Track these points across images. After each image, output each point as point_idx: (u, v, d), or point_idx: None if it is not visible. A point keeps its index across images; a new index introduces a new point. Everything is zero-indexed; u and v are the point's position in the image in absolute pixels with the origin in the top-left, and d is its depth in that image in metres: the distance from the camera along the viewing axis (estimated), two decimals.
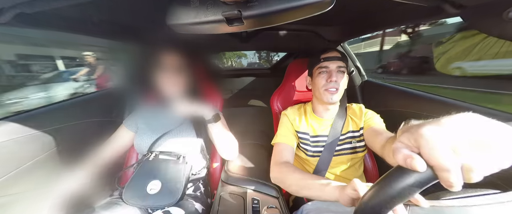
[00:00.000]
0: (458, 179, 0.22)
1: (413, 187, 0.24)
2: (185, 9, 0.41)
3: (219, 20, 0.39)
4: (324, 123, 0.84)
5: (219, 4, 0.38)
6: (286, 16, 0.38)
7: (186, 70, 0.77)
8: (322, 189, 0.51)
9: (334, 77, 0.76)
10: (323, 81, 0.79)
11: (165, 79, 0.76)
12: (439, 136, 0.24)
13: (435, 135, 0.24)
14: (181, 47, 0.76)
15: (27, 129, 0.71)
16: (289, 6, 0.36)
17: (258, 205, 0.63)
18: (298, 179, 0.60)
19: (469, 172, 0.22)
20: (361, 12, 0.87)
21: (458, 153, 0.22)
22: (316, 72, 0.82)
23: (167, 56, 0.75)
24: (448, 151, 0.23)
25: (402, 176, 0.24)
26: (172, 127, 0.83)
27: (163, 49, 0.75)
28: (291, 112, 0.89)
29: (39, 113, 0.79)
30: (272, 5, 0.36)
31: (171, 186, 0.73)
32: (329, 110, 0.84)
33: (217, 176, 0.96)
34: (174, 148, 0.81)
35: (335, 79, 0.76)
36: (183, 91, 0.78)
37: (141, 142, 0.81)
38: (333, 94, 0.77)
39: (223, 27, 0.41)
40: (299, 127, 0.84)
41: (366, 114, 0.82)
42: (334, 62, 0.78)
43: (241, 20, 0.38)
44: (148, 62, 0.76)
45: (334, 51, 0.80)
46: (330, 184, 0.50)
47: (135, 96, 0.85)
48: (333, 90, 0.77)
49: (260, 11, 0.37)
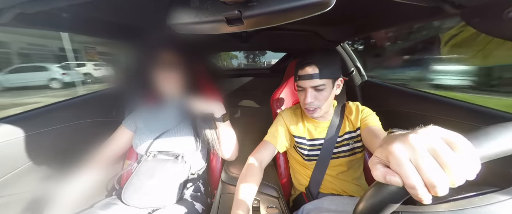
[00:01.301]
0: (424, 195, 0.23)
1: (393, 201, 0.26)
2: (185, 9, 0.41)
3: (219, 20, 0.39)
4: (320, 126, 0.82)
5: (219, 4, 0.38)
6: (286, 16, 0.38)
7: (185, 70, 0.77)
8: None
9: (308, 99, 0.70)
10: (301, 99, 0.75)
11: (165, 79, 0.76)
12: (405, 152, 0.25)
13: (401, 152, 0.25)
14: (181, 47, 0.76)
15: (27, 129, 0.71)
16: (289, 6, 0.36)
17: (258, 205, 0.63)
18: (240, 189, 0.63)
19: (431, 188, 0.23)
20: (361, 12, 0.87)
21: (420, 171, 0.23)
22: (296, 86, 0.78)
23: (166, 57, 0.75)
24: (412, 168, 0.24)
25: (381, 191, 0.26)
26: (170, 126, 0.83)
27: (163, 49, 0.75)
28: (288, 115, 0.85)
29: (39, 113, 0.79)
30: (272, 5, 0.36)
31: (170, 185, 0.73)
32: (322, 115, 0.79)
33: (217, 176, 0.96)
34: (173, 147, 0.81)
35: (310, 101, 0.71)
36: (183, 91, 0.78)
37: (140, 141, 0.81)
38: (313, 113, 0.74)
39: (223, 27, 0.41)
40: (295, 131, 0.82)
41: (362, 111, 0.79)
42: (309, 81, 0.70)
43: (241, 20, 0.38)
44: (147, 62, 0.76)
45: (311, 65, 0.70)
46: None
47: (134, 96, 0.84)
48: (311, 110, 0.73)
49: (260, 11, 0.37)
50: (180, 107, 0.83)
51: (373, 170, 0.27)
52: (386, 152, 0.26)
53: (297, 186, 0.89)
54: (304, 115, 0.84)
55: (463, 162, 0.22)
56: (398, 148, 0.25)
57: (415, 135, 0.25)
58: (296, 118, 0.84)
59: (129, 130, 0.84)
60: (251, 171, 0.68)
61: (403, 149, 0.25)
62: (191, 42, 0.76)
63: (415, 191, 0.23)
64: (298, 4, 0.35)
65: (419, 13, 0.68)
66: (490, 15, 0.49)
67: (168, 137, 0.81)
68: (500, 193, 0.27)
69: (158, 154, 0.80)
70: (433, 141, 0.24)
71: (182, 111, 0.84)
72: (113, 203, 0.69)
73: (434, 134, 0.25)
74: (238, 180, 0.66)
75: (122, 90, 0.86)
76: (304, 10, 0.37)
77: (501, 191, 0.28)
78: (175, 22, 0.42)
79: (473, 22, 0.54)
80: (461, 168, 0.22)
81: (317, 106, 0.72)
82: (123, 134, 0.84)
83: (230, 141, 0.83)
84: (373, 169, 0.27)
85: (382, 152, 0.27)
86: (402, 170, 0.24)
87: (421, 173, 0.23)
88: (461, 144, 0.23)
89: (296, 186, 0.90)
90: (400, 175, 0.24)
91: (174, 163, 0.78)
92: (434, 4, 0.56)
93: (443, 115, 0.79)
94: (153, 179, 0.73)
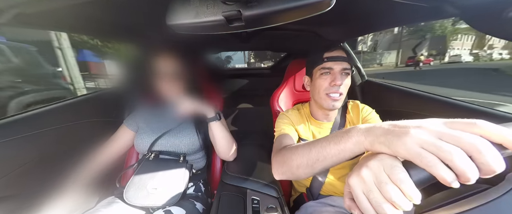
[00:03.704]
0: None
1: None
2: (184, 9, 0.41)
3: (219, 20, 0.39)
4: (324, 127, 0.79)
5: (219, 4, 0.38)
6: (286, 16, 0.38)
7: (185, 70, 0.77)
8: (339, 151, 0.37)
9: (338, 81, 0.67)
10: (325, 84, 0.70)
11: (164, 79, 0.76)
12: (358, 186, 0.28)
13: (356, 186, 0.29)
14: (181, 47, 0.76)
15: (27, 129, 0.71)
16: (289, 6, 0.36)
17: (258, 205, 0.63)
18: (304, 154, 0.44)
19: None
20: (361, 12, 0.87)
21: (371, 202, 0.27)
22: (317, 73, 0.73)
23: (166, 56, 0.75)
24: (365, 200, 0.27)
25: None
26: (172, 126, 0.83)
27: (162, 49, 0.75)
28: (293, 115, 0.81)
29: (39, 113, 0.79)
30: (272, 5, 0.36)
31: (172, 185, 0.73)
32: (328, 114, 0.78)
33: (217, 175, 0.96)
34: (175, 147, 0.81)
35: (340, 83, 0.67)
36: (183, 91, 0.78)
37: (141, 141, 0.81)
38: (335, 101, 0.70)
39: (223, 27, 0.41)
40: (302, 132, 0.79)
41: (362, 110, 0.78)
42: (339, 63, 0.69)
43: (241, 20, 0.38)
44: (147, 62, 0.76)
45: (338, 50, 0.70)
46: (343, 138, 0.36)
47: (135, 97, 0.85)
48: (336, 96, 0.69)
49: (260, 11, 0.37)
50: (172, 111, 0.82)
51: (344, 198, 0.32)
52: (348, 184, 0.30)
53: (297, 187, 0.89)
54: (309, 116, 0.82)
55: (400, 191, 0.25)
56: (354, 182, 0.29)
57: (366, 169, 0.28)
58: (301, 119, 0.81)
59: (130, 129, 0.84)
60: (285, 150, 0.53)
61: (357, 182, 0.29)
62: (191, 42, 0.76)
63: None
64: (298, 4, 0.35)
65: (419, 13, 0.68)
66: (490, 15, 0.49)
67: (170, 137, 0.82)
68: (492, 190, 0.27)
69: (160, 153, 0.80)
70: (377, 173, 0.27)
71: None
72: (115, 202, 0.69)
73: (378, 166, 0.28)
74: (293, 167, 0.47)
75: (123, 91, 0.86)
76: (304, 10, 0.37)
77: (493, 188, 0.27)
78: (175, 22, 0.42)
79: (473, 22, 0.54)
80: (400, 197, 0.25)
81: (342, 92, 0.70)
82: (124, 134, 0.84)
83: (226, 141, 0.82)
84: (344, 200, 0.32)
85: (347, 184, 0.31)
86: (358, 202, 0.28)
87: (371, 204, 0.27)
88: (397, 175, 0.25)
89: (297, 187, 0.90)
90: (359, 206, 0.28)
91: (176, 163, 0.78)
92: (434, 4, 0.56)
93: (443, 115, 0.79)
94: (155, 179, 0.73)
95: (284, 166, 0.50)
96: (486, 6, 0.49)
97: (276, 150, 0.62)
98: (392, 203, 0.25)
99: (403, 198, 0.24)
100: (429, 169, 0.24)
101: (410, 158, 0.25)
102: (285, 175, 0.51)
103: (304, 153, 0.44)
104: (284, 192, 0.87)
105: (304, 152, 0.44)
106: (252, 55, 14.48)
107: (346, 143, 0.35)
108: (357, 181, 0.29)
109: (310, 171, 0.43)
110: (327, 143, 0.39)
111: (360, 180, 0.28)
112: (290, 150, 0.50)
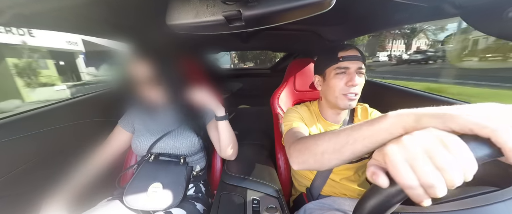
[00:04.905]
0: (421, 195, 0.23)
1: (389, 201, 0.26)
2: (184, 9, 0.41)
3: (219, 20, 0.39)
4: (331, 128, 0.78)
5: (219, 4, 0.38)
6: (286, 16, 0.38)
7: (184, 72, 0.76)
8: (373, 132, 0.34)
9: (355, 81, 0.66)
10: (341, 84, 0.68)
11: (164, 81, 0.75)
12: (401, 153, 0.25)
13: (396, 153, 0.25)
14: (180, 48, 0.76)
15: (27, 129, 0.71)
16: (289, 6, 0.36)
17: (258, 205, 0.63)
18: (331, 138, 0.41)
19: (428, 188, 0.23)
20: (361, 12, 0.87)
21: (416, 172, 0.23)
22: (331, 73, 0.70)
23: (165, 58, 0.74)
24: (408, 169, 0.24)
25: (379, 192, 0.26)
26: (171, 128, 0.82)
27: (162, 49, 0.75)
28: (303, 110, 0.79)
29: (39, 113, 0.79)
30: (272, 5, 0.36)
31: (172, 187, 0.72)
32: (339, 114, 0.77)
33: (217, 176, 0.96)
34: (175, 150, 0.81)
35: (356, 83, 0.66)
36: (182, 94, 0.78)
37: (139, 144, 0.80)
38: (351, 101, 0.69)
39: (223, 27, 0.41)
40: (311, 130, 0.76)
41: (371, 113, 0.78)
42: (355, 62, 0.67)
43: (241, 20, 0.38)
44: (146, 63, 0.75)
45: (353, 49, 0.69)
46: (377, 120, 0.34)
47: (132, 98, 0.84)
48: (352, 96, 0.68)
49: (260, 11, 0.37)
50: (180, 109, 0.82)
51: (367, 169, 0.28)
52: (382, 153, 0.27)
53: (297, 187, 0.89)
54: (318, 114, 0.80)
55: (458, 163, 0.22)
56: (393, 149, 0.26)
57: (410, 137, 0.26)
58: (311, 116, 0.79)
59: (126, 130, 0.83)
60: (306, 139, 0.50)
61: (397, 149, 0.25)
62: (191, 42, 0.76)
63: (412, 192, 0.23)
64: (298, 4, 0.35)
65: (419, 13, 0.68)
66: (490, 15, 0.49)
67: (170, 139, 0.81)
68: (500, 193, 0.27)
69: (159, 155, 0.80)
70: (428, 142, 0.24)
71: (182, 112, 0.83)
72: (114, 205, 0.69)
73: (429, 135, 0.25)
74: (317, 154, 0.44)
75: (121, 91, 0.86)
76: (304, 10, 0.37)
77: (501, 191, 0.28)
78: (175, 22, 0.42)
79: (473, 22, 0.54)
80: (456, 169, 0.22)
81: (358, 92, 0.69)
82: (120, 134, 0.83)
83: (230, 140, 0.82)
84: (367, 169, 0.28)
85: (379, 154, 0.28)
86: (397, 170, 0.24)
87: (417, 174, 0.23)
88: (457, 145, 0.23)
89: (297, 187, 0.89)
90: (396, 175, 0.24)
91: (176, 165, 0.78)
92: (434, 4, 0.56)
93: None
94: (155, 181, 0.72)
95: (305, 154, 0.47)
96: (486, 6, 0.49)
97: (291, 140, 0.58)
98: (445, 173, 0.22)
99: (458, 170, 0.22)
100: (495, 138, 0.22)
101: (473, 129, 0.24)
102: (306, 164, 0.47)
103: (332, 137, 0.41)
104: (284, 192, 0.87)
105: (331, 136, 0.41)
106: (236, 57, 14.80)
107: (381, 123, 0.32)
108: (397, 148, 0.25)
109: (338, 157, 0.39)
110: (359, 126, 0.36)
111: (403, 148, 0.25)
112: (313, 137, 0.47)
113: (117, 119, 0.86)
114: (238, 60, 16.31)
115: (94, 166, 0.77)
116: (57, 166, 0.78)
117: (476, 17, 0.53)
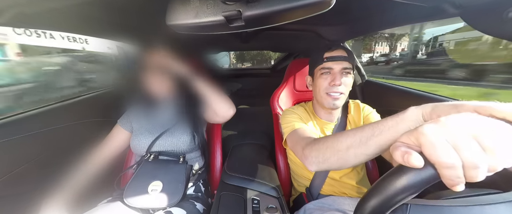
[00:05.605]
0: (460, 176, 0.22)
1: (415, 185, 0.24)
2: (184, 9, 0.41)
3: (219, 20, 0.39)
4: (326, 126, 0.80)
5: (219, 4, 0.38)
6: (286, 16, 0.38)
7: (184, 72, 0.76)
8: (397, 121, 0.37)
9: (337, 81, 0.68)
10: (325, 84, 0.71)
11: (162, 81, 0.75)
12: (440, 133, 0.23)
13: (436, 132, 0.23)
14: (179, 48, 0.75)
15: (27, 129, 0.71)
16: (289, 6, 0.36)
17: (258, 205, 0.63)
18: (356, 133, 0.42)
19: (471, 169, 0.22)
20: (361, 12, 0.87)
21: (460, 150, 0.22)
22: (318, 73, 0.74)
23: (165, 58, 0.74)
24: (450, 147, 0.22)
25: (403, 175, 0.24)
26: (168, 126, 0.82)
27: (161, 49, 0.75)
28: (300, 111, 0.80)
29: (39, 113, 0.79)
30: (272, 5, 0.36)
31: (172, 186, 0.72)
32: (331, 113, 0.79)
33: (217, 176, 0.96)
34: (173, 146, 0.81)
35: (339, 83, 0.68)
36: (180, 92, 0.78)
37: (138, 143, 0.80)
38: (336, 100, 0.70)
39: (223, 27, 0.41)
40: (310, 129, 0.76)
41: (363, 109, 0.79)
42: (339, 63, 0.69)
43: (241, 20, 0.38)
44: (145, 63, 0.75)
45: (339, 49, 0.71)
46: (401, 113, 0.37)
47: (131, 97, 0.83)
48: (336, 95, 0.70)
49: (260, 11, 0.37)
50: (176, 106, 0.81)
51: (394, 151, 0.26)
52: (416, 134, 0.25)
53: (297, 187, 0.89)
54: (313, 114, 0.82)
55: (507, 146, 0.21)
56: (431, 127, 0.24)
57: (450, 117, 0.24)
58: (308, 116, 0.81)
59: (125, 129, 0.83)
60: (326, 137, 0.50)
61: (437, 128, 0.24)
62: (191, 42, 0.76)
63: (450, 172, 0.22)
64: (298, 4, 0.35)
65: (419, 13, 0.68)
66: (490, 15, 0.49)
67: (168, 137, 0.81)
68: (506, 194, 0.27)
69: (159, 154, 0.80)
70: (474, 123, 0.23)
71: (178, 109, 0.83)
72: (114, 204, 0.69)
73: (474, 117, 0.24)
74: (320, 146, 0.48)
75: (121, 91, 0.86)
76: (304, 10, 0.37)
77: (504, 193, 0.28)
78: (175, 22, 0.42)
79: (473, 22, 0.54)
80: (504, 152, 0.21)
81: (343, 91, 0.70)
82: (119, 134, 0.83)
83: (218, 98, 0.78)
84: (395, 150, 0.26)
85: (410, 135, 0.26)
86: (437, 149, 0.22)
87: (461, 153, 0.22)
88: (505, 128, 0.22)
89: (297, 187, 0.89)
90: (435, 155, 0.22)
91: (176, 164, 0.78)
92: (434, 4, 0.56)
93: None
94: (155, 180, 0.72)
95: (326, 152, 0.46)
96: (486, 6, 0.49)
97: (304, 142, 0.56)
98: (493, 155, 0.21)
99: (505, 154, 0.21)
100: None
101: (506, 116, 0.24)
102: (326, 162, 0.46)
103: (356, 132, 0.42)
104: (284, 192, 0.87)
105: (355, 131, 0.42)
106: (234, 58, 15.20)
107: (404, 113, 0.36)
108: (437, 127, 0.24)
109: (364, 150, 0.40)
110: (383, 120, 0.39)
111: (443, 127, 0.23)
112: (332, 136, 0.48)
113: (117, 119, 0.86)
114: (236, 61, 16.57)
115: (94, 165, 0.77)
116: (57, 166, 0.78)
117: (476, 17, 0.53)
